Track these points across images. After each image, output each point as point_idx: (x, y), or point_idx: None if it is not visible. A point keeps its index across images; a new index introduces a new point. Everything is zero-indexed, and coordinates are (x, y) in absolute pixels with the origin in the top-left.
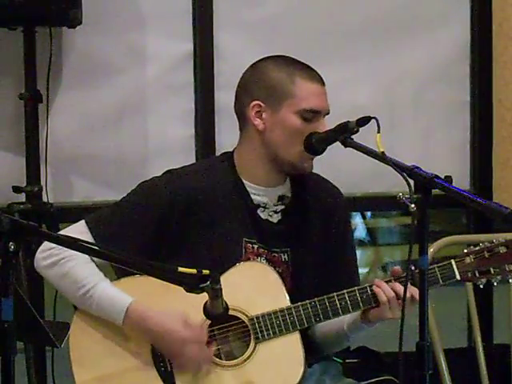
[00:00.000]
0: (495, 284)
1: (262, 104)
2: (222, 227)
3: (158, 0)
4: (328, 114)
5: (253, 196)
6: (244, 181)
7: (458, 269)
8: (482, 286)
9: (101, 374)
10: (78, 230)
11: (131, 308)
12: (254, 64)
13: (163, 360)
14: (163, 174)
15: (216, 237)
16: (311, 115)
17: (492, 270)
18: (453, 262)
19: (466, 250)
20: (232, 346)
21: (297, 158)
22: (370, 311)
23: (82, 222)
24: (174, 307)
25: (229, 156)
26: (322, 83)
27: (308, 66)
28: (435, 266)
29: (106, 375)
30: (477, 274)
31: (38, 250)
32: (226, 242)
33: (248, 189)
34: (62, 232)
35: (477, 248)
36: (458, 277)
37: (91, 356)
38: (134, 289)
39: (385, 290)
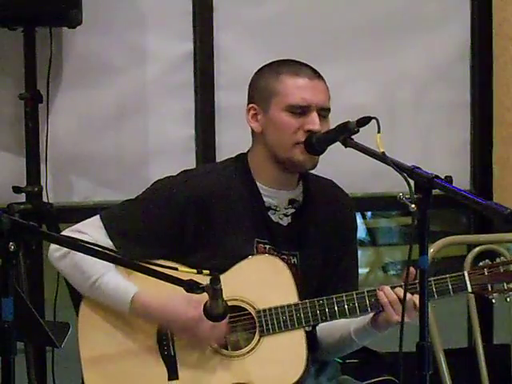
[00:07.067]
0: (508, 300)
1: (256, 107)
2: (234, 227)
3: (158, 0)
4: (326, 109)
5: (265, 198)
6: (257, 182)
7: (470, 281)
8: (494, 301)
9: (105, 355)
10: (92, 225)
11: (135, 299)
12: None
13: (167, 345)
14: (178, 173)
15: (228, 236)
16: (300, 110)
17: (505, 285)
18: (465, 273)
19: (480, 263)
20: (239, 336)
21: (292, 153)
22: (379, 316)
23: (97, 216)
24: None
25: (243, 157)
26: (312, 77)
27: (298, 63)
28: (447, 276)
29: (110, 357)
30: (489, 288)
31: None
32: (239, 241)
33: (261, 190)
34: (77, 225)
35: (492, 262)
36: (470, 289)
37: (97, 338)
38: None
39: (386, 293)
